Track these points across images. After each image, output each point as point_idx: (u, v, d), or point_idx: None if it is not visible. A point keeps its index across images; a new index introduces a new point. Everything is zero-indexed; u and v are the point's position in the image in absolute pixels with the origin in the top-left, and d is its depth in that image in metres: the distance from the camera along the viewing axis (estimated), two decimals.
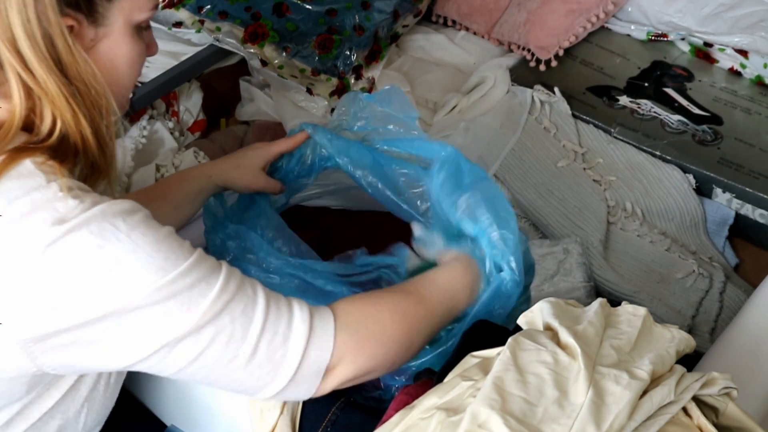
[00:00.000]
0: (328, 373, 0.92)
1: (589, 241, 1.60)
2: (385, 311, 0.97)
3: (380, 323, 0.96)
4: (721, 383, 0.88)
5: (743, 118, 1.79)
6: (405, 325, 0.97)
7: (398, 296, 1.00)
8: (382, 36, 1.92)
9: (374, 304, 0.97)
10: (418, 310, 1.00)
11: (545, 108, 1.81)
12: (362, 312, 0.96)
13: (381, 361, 0.96)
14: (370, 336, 0.94)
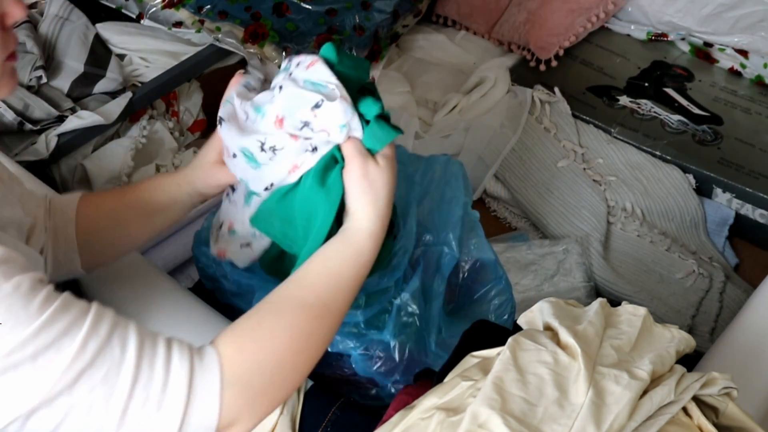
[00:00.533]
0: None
1: (589, 241, 1.60)
2: (283, 345, 0.85)
3: (277, 364, 0.84)
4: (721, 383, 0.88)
5: (743, 118, 1.79)
6: (309, 350, 0.87)
7: (297, 316, 0.87)
8: (382, 36, 1.92)
9: (269, 340, 0.84)
10: (322, 324, 0.89)
11: (545, 108, 1.81)
12: (254, 358, 0.83)
13: (284, 398, 0.87)
14: (266, 385, 0.84)
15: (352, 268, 0.92)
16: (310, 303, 0.88)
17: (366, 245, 0.94)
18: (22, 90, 1.55)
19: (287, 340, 0.85)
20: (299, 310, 0.87)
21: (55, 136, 1.52)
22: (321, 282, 0.90)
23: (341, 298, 0.91)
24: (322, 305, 0.89)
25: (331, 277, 0.91)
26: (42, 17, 1.68)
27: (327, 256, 0.93)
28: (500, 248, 1.57)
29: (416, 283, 1.12)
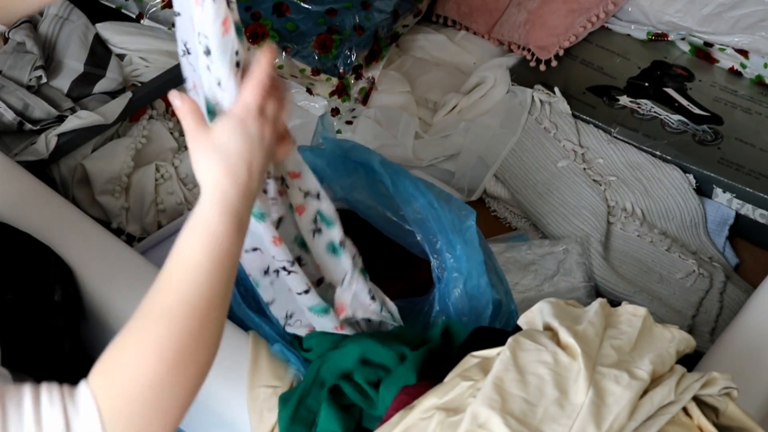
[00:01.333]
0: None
1: (589, 241, 1.60)
2: (153, 364, 0.77)
3: (154, 386, 0.77)
4: (721, 383, 0.88)
5: (743, 118, 1.79)
6: (188, 357, 0.78)
7: (160, 327, 0.78)
8: (382, 36, 1.92)
9: (136, 364, 0.77)
10: (192, 324, 0.79)
11: (545, 108, 1.81)
12: (126, 389, 0.76)
13: (180, 415, 0.79)
14: (150, 411, 0.76)
15: (207, 248, 0.80)
16: (169, 307, 0.79)
17: (215, 216, 0.81)
18: (21, 90, 1.55)
19: (156, 357, 0.77)
20: (161, 319, 0.78)
21: (55, 136, 1.51)
22: (178, 278, 0.80)
23: (207, 287, 0.80)
24: (186, 304, 0.79)
25: (188, 268, 0.80)
26: (42, 17, 1.68)
27: (180, 247, 0.81)
28: (500, 248, 1.57)
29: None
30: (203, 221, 0.81)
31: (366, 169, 1.25)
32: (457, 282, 1.16)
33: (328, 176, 1.27)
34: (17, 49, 1.61)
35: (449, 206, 1.18)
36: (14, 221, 1.27)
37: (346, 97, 1.84)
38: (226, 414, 1.15)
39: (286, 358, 1.13)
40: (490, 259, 1.20)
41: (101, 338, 1.26)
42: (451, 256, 1.17)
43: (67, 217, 1.33)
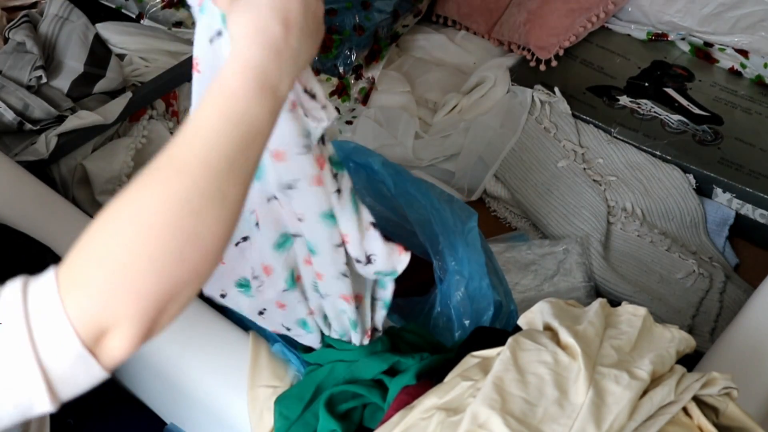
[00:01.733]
0: (101, 346, 0.70)
1: (589, 241, 1.60)
2: (140, 230, 0.68)
3: (126, 245, 0.68)
4: (721, 383, 0.88)
5: (743, 118, 1.79)
6: (183, 227, 0.69)
7: (142, 186, 0.70)
8: (382, 36, 1.92)
9: (104, 227, 0.70)
10: (181, 184, 0.69)
11: (545, 108, 1.81)
12: (90, 251, 0.70)
13: (167, 285, 0.70)
14: (120, 273, 0.68)
15: (222, 109, 0.71)
16: (158, 166, 0.71)
17: (234, 75, 0.71)
18: (21, 90, 1.55)
19: (130, 215, 0.69)
20: (143, 179, 0.70)
21: (55, 136, 1.51)
22: (192, 136, 0.71)
23: (223, 149, 0.70)
24: (176, 160, 0.71)
25: (203, 129, 0.71)
26: (42, 17, 1.68)
27: (197, 109, 0.73)
28: (500, 248, 1.57)
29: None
30: (221, 81, 0.72)
31: (367, 171, 1.25)
32: (459, 284, 1.16)
33: None
34: (17, 49, 1.61)
35: (451, 208, 1.18)
36: (14, 221, 1.28)
37: (346, 97, 1.84)
38: (226, 414, 1.15)
39: (286, 358, 1.13)
40: (490, 259, 1.20)
41: None
42: (452, 258, 1.17)
43: (67, 217, 1.33)
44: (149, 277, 0.69)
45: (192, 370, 1.16)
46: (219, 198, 0.71)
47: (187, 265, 0.70)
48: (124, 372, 1.29)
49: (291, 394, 1.07)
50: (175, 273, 0.70)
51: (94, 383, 0.72)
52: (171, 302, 0.70)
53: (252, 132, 0.72)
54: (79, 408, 1.23)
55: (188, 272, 0.70)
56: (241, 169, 0.72)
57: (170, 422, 1.29)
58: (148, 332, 0.71)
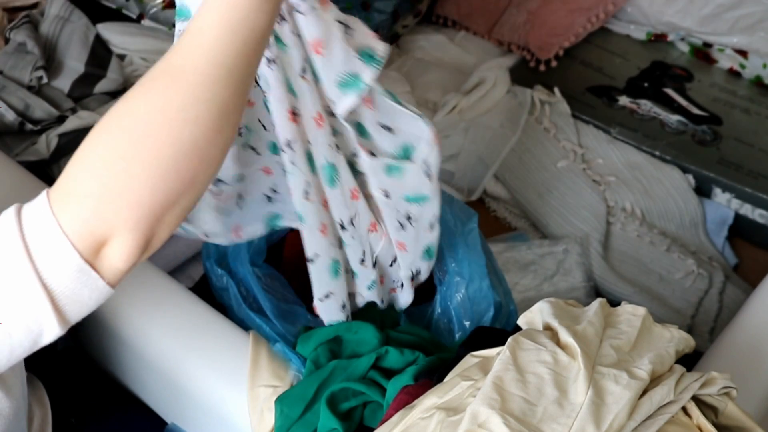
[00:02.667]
0: (101, 258, 0.69)
1: (588, 241, 1.60)
2: (133, 137, 0.68)
3: (115, 151, 0.68)
4: (720, 383, 0.88)
5: (743, 119, 1.79)
6: (162, 136, 0.67)
7: (137, 101, 0.69)
8: (382, 36, 1.92)
9: (98, 135, 0.71)
10: (178, 92, 0.68)
11: (545, 108, 1.81)
12: (81, 161, 0.70)
13: (163, 192, 0.68)
14: (110, 181, 0.67)
15: (219, 13, 0.69)
16: (154, 75, 0.69)
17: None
18: (22, 90, 1.55)
19: (125, 124, 0.69)
20: (139, 87, 0.70)
21: (56, 136, 1.52)
22: (186, 43, 0.70)
23: (219, 55, 0.69)
24: (174, 67, 0.69)
25: (198, 34, 0.70)
26: (43, 18, 1.68)
27: (195, 17, 0.71)
28: (500, 248, 1.57)
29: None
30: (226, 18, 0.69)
31: None
32: (459, 286, 1.16)
33: None
34: (18, 49, 1.61)
35: (451, 209, 1.19)
36: None
37: None
38: (226, 413, 1.15)
39: (286, 358, 1.13)
40: (490, 260, 1.21)
41: (100, 338, 1.26)
42: (452, 259, 1.17)
43: None
44: (145, 186, 0.68)
45: (193, 370, 1.16)
46: (217, 106, 0.69)
47: (185, 174, 0.69)
48: (126, 371, 1.29)
49: (292, 393, 1.07)
50: (171, 182, 0.68)
51: (100, 299, 0.71)
52: (168, 211, 0.69)
53: (252, 38, 0.70)
54: (81, 407, 1.24)
55: (185, 181, 0.69)
56: (241, 76, 0.70)
57: (171, 422, 1.29)
58: (147, 241, 0.70)
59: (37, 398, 1.11)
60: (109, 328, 1.23)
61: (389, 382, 1.02)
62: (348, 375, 1.06)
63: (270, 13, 0.71)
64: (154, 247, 0.72)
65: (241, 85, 0.71)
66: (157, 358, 1.19)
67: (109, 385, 1.33)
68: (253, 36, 0.70)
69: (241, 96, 0.71)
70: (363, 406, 1.06)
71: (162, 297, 1.21)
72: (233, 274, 1.23)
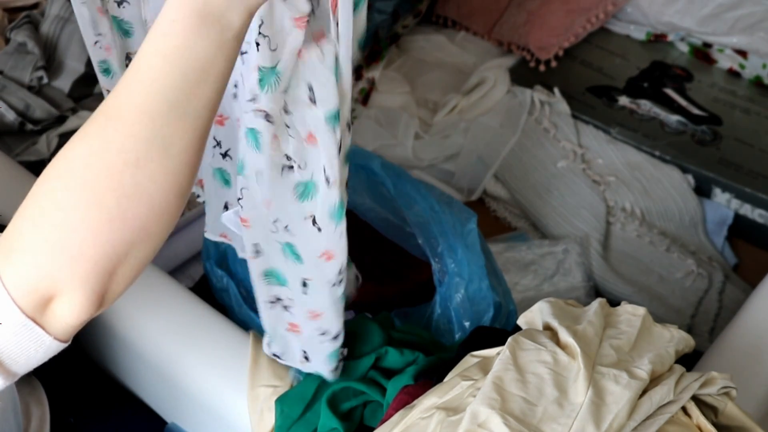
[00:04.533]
0: (48, 314, 0.65)
1: (588, 241, 1.60)
2: (60, 189, 0.63)
3: (56, 199, 0.63)
4: (720, 383, 0.88)
5: (742, 119, 1.79)
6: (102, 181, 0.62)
7: (74, 146, 0.63)
8: (382, 36, 1.92)
9: (43, 193, 0.65)
10: (115, 132, 0.62)
11: (545, 108, 1.81)
12: (24, 210, 0.66)
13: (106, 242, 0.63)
14: (52, 232, 0.63)
15: (159, 44, 0.63)
16: (93, 117, 0.64)
17: (167, 7, 0.63)
18: (23, 90, 1.55)
19: (63, 172, 0.63)
20: (77, 133, 0.64)
21: (56, 136, 1.52)
22: (127, 80, 0.64)
23: (143, 90, 0.63)
24: (110, 107, 0.64)
25: (140, 69, 0.64)
26: (43, 18, 1.68)
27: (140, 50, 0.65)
28: (500, 248, 1.57)
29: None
30: (159, 17, 0.64)
31: (367, 172, 1.25)
32: (458, 287, 1.16)
33: None
34: (18, 49, 1.61)
35: (450, 209, 1.19)
36: None
37: None
38: (226, 413, 1.15)
39: None
40: (489, 260, 1.21)
41: (101, 337, 1.26)
42: (452, 260, 1.17)
43: None
44: (87, 238, 0.63)
45: (192, 370, 1.16)
46: (160, 145, 0.63)
47: (132, 223, 0.63)
48: (125, 371, 1.29)
49: (292, 393, 1.07)
50: (118, 232, 0.63)
51: (48, 353, 0.67)
52: (120, 264, 0.64)
53: (195, 69, 0.63)
54: (80, 407, 1.24)
55: (135, 230, 0.64)
56: (186, 111, 0.64)
57: (171, 421, 1.29)
58: (100, 297, 0.65)
59: (35, 397, 1.11)
60: (110, 328, 1.23)
61: (389, 382, 1.02)
62: (348, 375, 1.06)
63: (215, 41, 0.64)
64: (111, 300, 0.67)
65: (189, 121, 0.64)
66: (157, 357, 1.19)
67: (108, 385, 1.33)
68: (197, 66, 0.63)
69: (192, 133, 0.64)
70: (363, 405, 1.06)
71: (162, 297, 1.21)
72: (233, 274, 1.24)
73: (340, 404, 1.04)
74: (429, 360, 1.05)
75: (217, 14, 0.63)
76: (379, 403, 1.04)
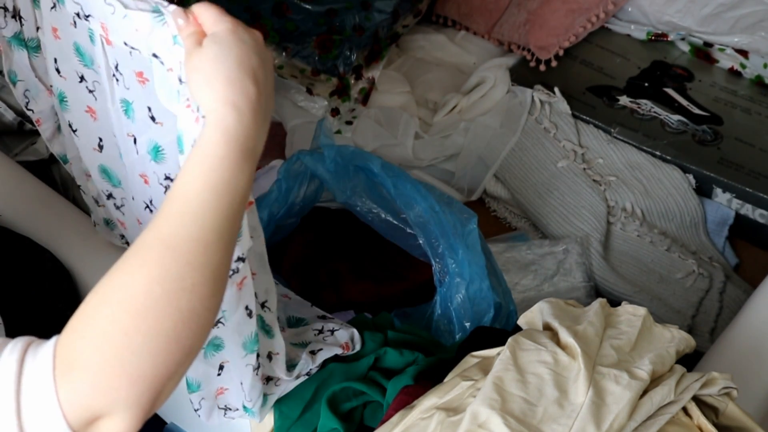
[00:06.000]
0: (93, 429, 0.67)
1: (589, 241, 1.60)
2: (121, 305, 0.67)
3: (130, 337, 0.66)
4: (721, 383, 0.88)
5: (743, 118, 1.79)
6: (173, 300, 0.67)
7: (131, 266, 0.68)
8: (382, 36, 1.92)
9: (101, 306, 0.68)
10: (173, 261, 0.68)
11: (545, 108, 1.81)
12: (87, 332, 0.67)
13: (160, 370, 0.67)
14: (116, 359, 0.66)
15: (206, 176, 0.70)
16: (148, 244, 0.69)
17: (214, 140, 0.69)
18: None
19: (125, 297, 0.67)
20: (133, 257, 0.69)
21: None
22: (176, 209, 0.70)
23: (208, 219, 0.69)
24: (165, 236, 0.69)
25: (187, 199, 0.70)
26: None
27: (179, 178, 0.71)
28: (500, 248, 1.57)
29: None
30: (204, 150, 0.70)
31: (367, 173, 1.25)
32: (459, 287, 1.16)
33: (328, 180, 1.27)
34: None
35: (451, 210, 1.19)
36: (15, 221, 1.28)
37: (346, 97, 1.84)
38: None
39: None
40: (489, 261, 1.21)
41: None
42: (453, 260, 1.17)
43: (68, 217, 1.34)
44: (147, 360, 0.67)
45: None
46: (210, 271, 0.69)
47: (185, 343, 0.68)
48: None
49: (292, 394, 1.07)
50: (173, 353, 0.68)
51: None
52: (167, 383, 0.69)
53: (237, 200, 0.71)
54: None
55: (185, 350, 0.69)
56: (230, 238, 0.71)
57: (170, 421, 1.29)
58: (145, 415, 0.69)
59: None
60: None
61: (389, 383, 1.02)
62: (348, 375, 1.06)
63: (250, 172, 0.71)
64: (150, 415, 0.70)
65: (230, 246, 0.72)
66: None
67: None
68: (238, 197, 0.71)
69: (230, 256, 0.72)
70: (363, 406, 1.06)
71: None
72: None
73: (340, 404, 1.04)
74: (429, 360, 1.05)
75: (252, 148, 0.71)
76: (379, 404, 1.04)
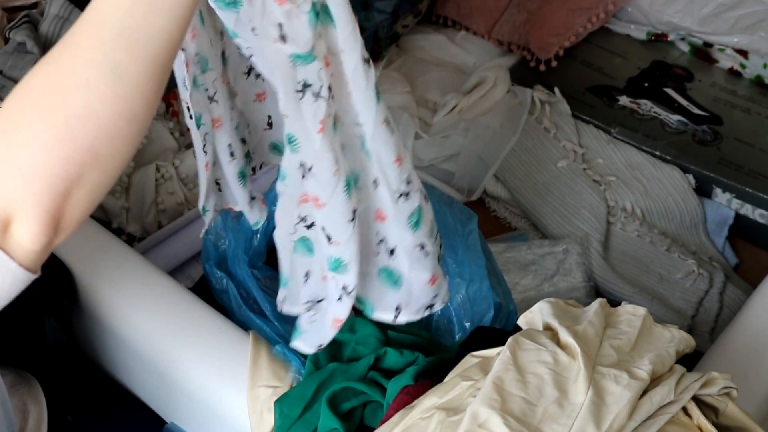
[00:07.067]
0: (8, 239, 0.67)
1: (589, 241, 1.60)
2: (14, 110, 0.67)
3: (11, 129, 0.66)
4: (720, 383, 0.88)
5: (743, 118, 1.79)
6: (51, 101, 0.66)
7: (33, 72, 0.68)
8: (382, 36, 1.92)
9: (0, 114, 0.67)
10: (69, 56, 0.67)
11: (545, 108, 1.81)
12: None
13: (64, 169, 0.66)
14: (10, 157, 0.66)
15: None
16: (58, 44, 0.68)
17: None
18: None
19: (19, 90, 0.67)
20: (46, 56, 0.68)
21: None
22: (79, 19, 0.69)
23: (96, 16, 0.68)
24: (68, 35, 0.68)
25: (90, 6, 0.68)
26: (42, 17, 1.68)
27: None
28: (500, 248, 1.57)
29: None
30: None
31: None
32: (459, 287, 1.16)
33: None
34: (18, 49, 1.61)
35: (451, 210, 1.19)
36: None
37: None
38: (226, 413, 1.15)
39: (286, 359, 1.13)
40: (489, 261, 1.21)
41: (99, 337, 1.26)
42: (453, 260, 1.17)
43: None
44: (37, 156, 0.65)
45: (192, 370, 1.16)
46: (109, 69, 0.66)
47: (81, 143, 0.66)
48: (124, 370, 1.29)
49: (292, 393, 1.07)
50: (67, 151, 0.66)
51: (17, 283, 0.69)
52: (74, 186, 0.67)
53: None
54: (78, 406, 1.23)
55: (84, 151, 0.66)
56: (136, 38, 0.67)
57: (170, 421, 1.29)
58: (54, 219, 0.67)
59: (32, 396, 1.11)
60: (109, 328, 1.23)
61: (389, 383, 1.02)
62: (348, 376, 1.06)
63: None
64: (68, 227, 0.69)
65: (141, 48, 0.67)
66: (157, 357, 1.19)
67: (107, 384, 1.33)
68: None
69: (144, 61, 0.68)
70: (363, 406, 1.06)
71: (162, 297, 1.21)
72: (233, 276, 1.24)
73: (340, 404, 1.04)
74: (429, 360, 1.05)
75: None
76: (379, 404, 1.04)
